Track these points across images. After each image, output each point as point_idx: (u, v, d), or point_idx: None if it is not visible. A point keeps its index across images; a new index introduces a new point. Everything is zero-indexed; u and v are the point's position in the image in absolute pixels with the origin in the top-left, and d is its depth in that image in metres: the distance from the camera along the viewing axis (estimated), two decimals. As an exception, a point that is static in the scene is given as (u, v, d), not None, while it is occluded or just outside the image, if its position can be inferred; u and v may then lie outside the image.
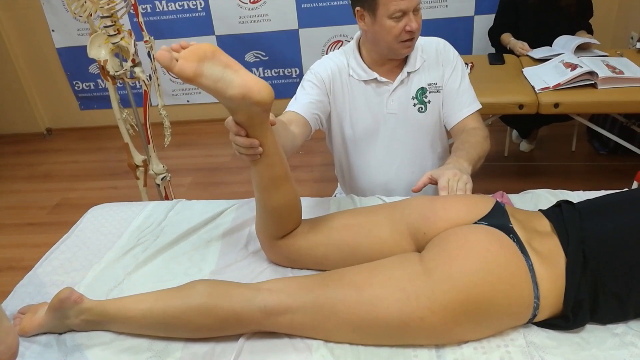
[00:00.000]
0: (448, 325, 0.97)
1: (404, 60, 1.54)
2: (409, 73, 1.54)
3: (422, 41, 1.57)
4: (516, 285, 0.97)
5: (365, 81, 1.54)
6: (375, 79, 1.53)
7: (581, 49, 2.44)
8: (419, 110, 1.56)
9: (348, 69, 1.55)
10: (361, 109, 1.57)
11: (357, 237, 1.18)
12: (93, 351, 1.07)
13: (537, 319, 1.02)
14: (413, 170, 1.62)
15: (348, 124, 1.59)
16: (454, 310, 0.95)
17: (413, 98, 1.55)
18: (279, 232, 1.22)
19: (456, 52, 1.59)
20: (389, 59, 1.52)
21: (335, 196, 1.79)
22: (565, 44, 2.50)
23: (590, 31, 2.71)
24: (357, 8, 1.45)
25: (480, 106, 1.57)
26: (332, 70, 1.54)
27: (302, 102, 1.49)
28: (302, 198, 1.52)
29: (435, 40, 1.59)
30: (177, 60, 0.93)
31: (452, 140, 1.56)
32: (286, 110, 1.49)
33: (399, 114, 1.56)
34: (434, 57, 1.56)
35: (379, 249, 1.15)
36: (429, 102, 1.56)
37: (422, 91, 1.55)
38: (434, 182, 1.23)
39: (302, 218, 1.27)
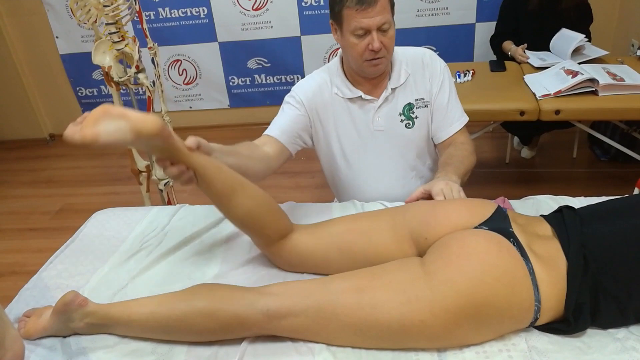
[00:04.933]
0: (449, 329, 0.97)
1: (388, 76, 1.52)
2: (393, 89, 1.51)
3: (406, 54, 1.54)
4: (516, 288, 0.98)
5: (350, 99, 1.52)
6: (360, 96, 1.51)
7: (578, 51, 2.46)
8: (406, 126, 1.54)
9: (331, 87, 1.52)
10: (348, 127, 1.55)
11: (359, 242, 1.18)
12: (97, 354, 1.08)
13: (538, 323, 1.02)
14: (403, 184, 1.61)
15: (335, 141, 1.58)
16: (455, 313, 0.96)
17: (400, 114, 1.53)
18: (260, 239, 1.24)
19: (443, 63, 1.56)
20: (365, 77, 1.49)
21: (336, 201, 1.80)
22: (562, 44, 2.52)
23: (589, 38, 2.72)
24: (331, 21, 1.45)
25: (467, 119, 1.57)
26: (314, 90, 1.52)
27: (279, 126, 1.50)
28: (303, 204, 1.54)
29: (420, 51, 1.56)
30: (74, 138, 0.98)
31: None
32: (264, 133, 1.51)
33: (386, 130, 1.54)
34: (419, 70, 1.53)
35: (380, 253, 1.15)
36: (416, 117, 1.54)
37: (409, 107, 1.53)
38: (426, 196, 1.25)
39: (304, 223, 1.28)
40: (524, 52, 2.63)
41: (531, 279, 0.99)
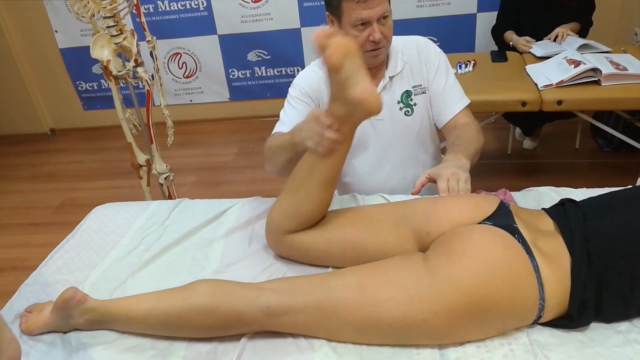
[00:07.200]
0: (451, 327, 0.96)
1: (385, 65, 1.52)
2: (390, 77, 1.52)
3: (401, 42, 1.54)
4: (521, 286, 0.97)
5: None
6: None
7: (584, 46, 2.43)
8: (405, 113, 1.54)
9: None
10: None
11: (360, 235, 1.18)
12: (97, 350, 1.08)
13: (541, 320, 1.01)
14: (405, 174, 1.60)
15: None
16: (457, 312, 0.95)
17: (398, 102, 1.54)
18: (299, 227, 1.22)
19: (438, 49, 1.57)
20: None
21: (336, 194, 1.79)
22: (573, 40, 2.50)
23: (589, 25, 2.69)
24: (327, 13, 1.44)
25: (469, 101, 1.56)
26: (316, 80, 1.52)
27: (290, 122, 1.46)
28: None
29: (414, 39, 1.56)
30: (327, 45, 1.02)
31: (444, 144, 1.55)
32: (274, 132, 1.50)
33: (386, 119, 1.54)
34: (415, 58, 1.53)
35: (381, 247, 1.14)
36: (415, 104, 1.54)
37: (407, 94, 1.53)
38: (432, 180, 1.23)
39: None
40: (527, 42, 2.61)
41: (536, 277, 0.97)
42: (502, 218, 1.07)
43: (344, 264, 1.18)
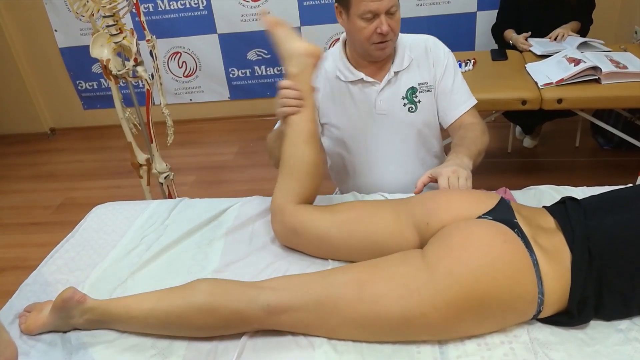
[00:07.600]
0: (451, 321, 0.97)
1: (391, 60, 1.52)
2: (396, 72, 1.51)
3: (409, 39, 1.54)
4: (520, 280, 0.97)
5: (352, 82, 1.52)
6: (362, 79, 1.51)
7: (584, 45, 2.43)
8: (409, 110, 1.54)
9: (335, 70, 1.53)
10: (350, 111, 1.55)
11: (361, 220, 1.19)
12: (97, 349, 1.08)
13: (541, 315, 1.01)
14: (406, 170, 1.60)
15: (337, 126, 1.58)
16: (456, 306, 0.95)
17: (403, 98, 1.53)
18: (302, 192, 1.26)
19: (446, 49, 1.57)
20: (370, 60, 1.50)
21: (336, 193, 1.79)
22: (573, 39, 2.50)
23: (589, 23, 2.69)
24: (336, 4, 1.46)
25: (475, 101, 1.56)
26: (319, 76, 1.53)
27: None
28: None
29: (424, 38, 1.56)
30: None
31: (446, 141, 1.55)
32: (275, 128, 1.52)
33: (389, 114, 1.54)
34: (423, 55, 1.53)
35: (381, 233, 1.16)
36: (419, 101, 1.54)
37: (412, 91, 1.53)
38: (433, 180, 1.23)
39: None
40: (526, 40, 2.61)
41: (535, 272, 0.98)
42: (503, 213, 1.07)
43: (343, 249, 1.20)
